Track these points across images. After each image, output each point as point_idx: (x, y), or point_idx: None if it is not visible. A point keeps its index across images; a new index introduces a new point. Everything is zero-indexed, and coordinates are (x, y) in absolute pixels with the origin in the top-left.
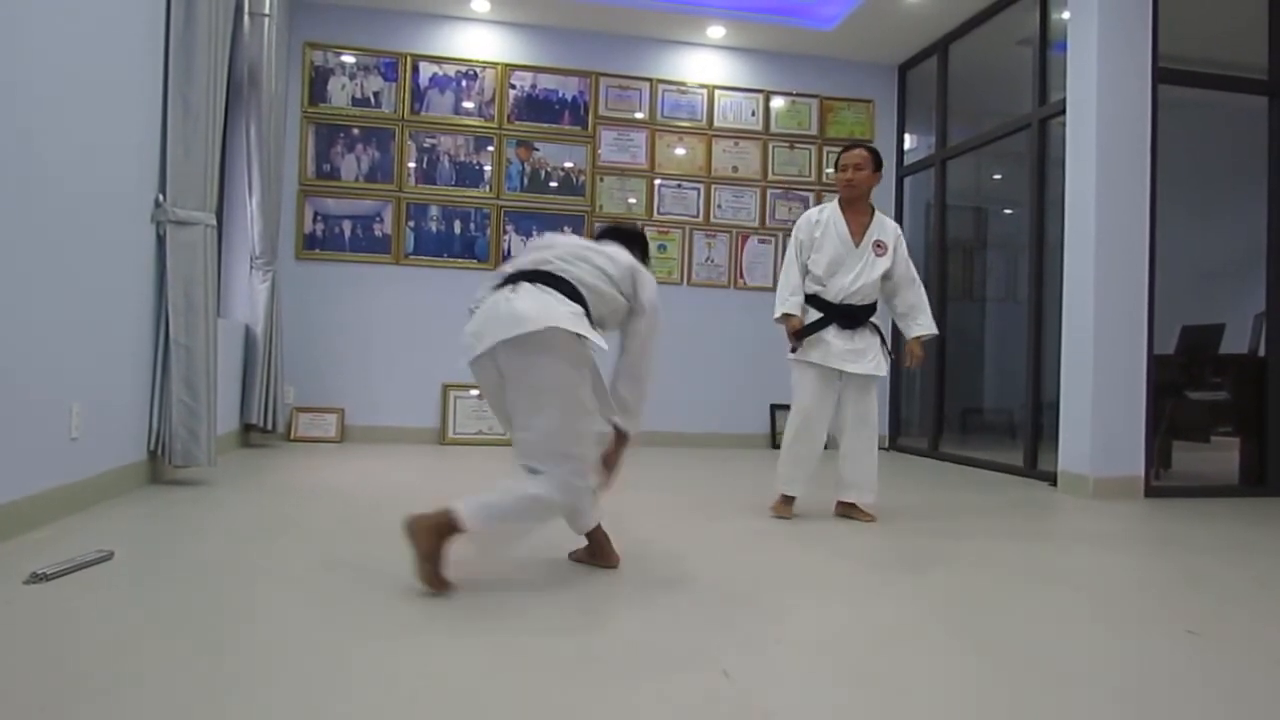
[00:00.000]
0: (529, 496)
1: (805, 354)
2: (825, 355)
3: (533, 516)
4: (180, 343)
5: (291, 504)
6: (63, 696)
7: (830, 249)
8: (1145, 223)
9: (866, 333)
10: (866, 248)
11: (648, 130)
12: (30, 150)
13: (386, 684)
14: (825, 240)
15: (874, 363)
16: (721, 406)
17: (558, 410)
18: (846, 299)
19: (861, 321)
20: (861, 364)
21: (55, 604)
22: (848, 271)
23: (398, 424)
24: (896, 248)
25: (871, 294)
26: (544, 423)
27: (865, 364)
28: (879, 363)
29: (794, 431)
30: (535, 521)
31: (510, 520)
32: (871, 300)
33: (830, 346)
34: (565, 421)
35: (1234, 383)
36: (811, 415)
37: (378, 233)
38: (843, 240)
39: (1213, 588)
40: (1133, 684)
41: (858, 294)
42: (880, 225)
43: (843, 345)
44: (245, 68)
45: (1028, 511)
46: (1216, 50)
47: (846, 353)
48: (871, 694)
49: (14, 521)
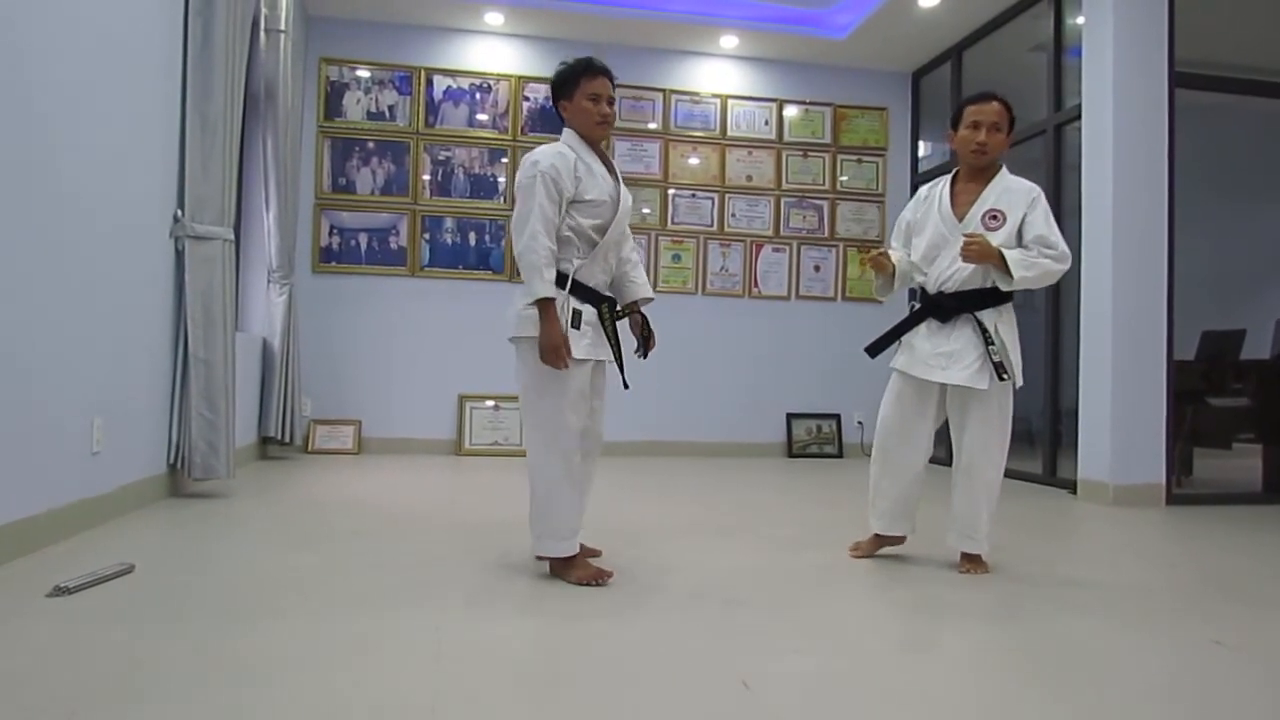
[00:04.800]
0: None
1: (895, 359)
2: (910, 361)
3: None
4: (199, 357)
5: (310, 516)
6: (86, 708)
7: (931, 229)
8: (1164, 228)
9: (967, 331)
10: (972, 222)
11: (661, 140)
12: (50, 167)
13: (402, 700)
14: (927, 218)
15: (969, 370)
16: (737, 416)
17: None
18: (941, 285)
19: (954, 314)
20: (952, 371)
21: (78, 617)
22: (949, 252)
23: (414, 436)
24: (1030, 212)
25: (977, 278)
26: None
27: (957, 371)
28: (977, 370)
29: (876, 451)
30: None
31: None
32: (973, 287)
33: (915, 350)
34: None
35: (1256, 389)
36: (892, 433)
37: (393, 245)
38: (945, 218)
39: (1238, 597)
40: (1158, 694)
41: (954, 278)
42: (1000, 189)
43: (930, 348)
44: (262, 83)
45: (1048, 520)
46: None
47: (934, 357)
48: (890, 704)
49: (37, 535)
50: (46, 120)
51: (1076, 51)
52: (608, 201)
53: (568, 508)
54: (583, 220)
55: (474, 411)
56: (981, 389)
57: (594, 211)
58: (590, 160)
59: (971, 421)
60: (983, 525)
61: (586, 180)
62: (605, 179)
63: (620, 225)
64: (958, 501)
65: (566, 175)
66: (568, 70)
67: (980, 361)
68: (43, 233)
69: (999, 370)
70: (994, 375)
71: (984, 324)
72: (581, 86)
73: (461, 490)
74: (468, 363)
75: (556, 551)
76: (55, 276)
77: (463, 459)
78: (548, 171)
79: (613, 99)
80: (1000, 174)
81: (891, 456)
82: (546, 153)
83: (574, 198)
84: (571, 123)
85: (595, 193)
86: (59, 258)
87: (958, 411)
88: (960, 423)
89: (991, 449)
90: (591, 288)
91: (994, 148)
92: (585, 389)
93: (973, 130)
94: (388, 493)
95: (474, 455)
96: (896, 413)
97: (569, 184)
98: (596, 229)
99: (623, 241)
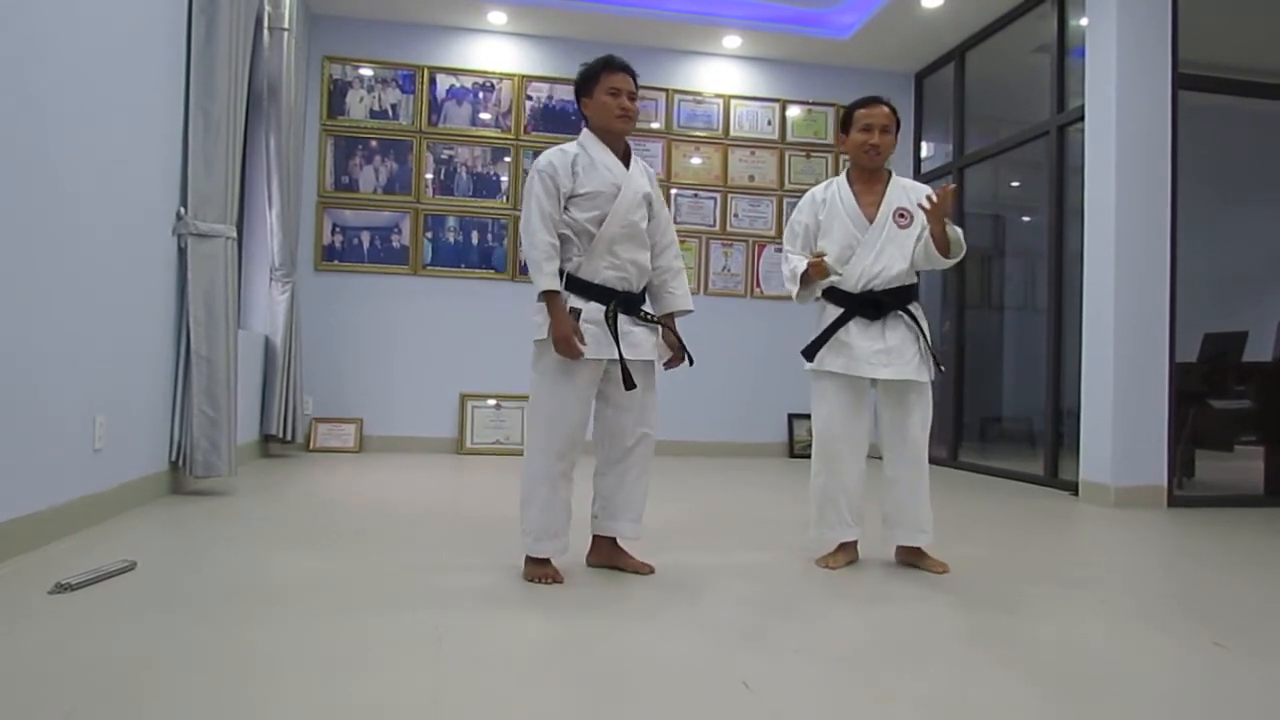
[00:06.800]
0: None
1: (824, 362)
2: (850, 361)
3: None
4: (201, 354)
5: (312, 514)
6: (87, 705)
7: (840, 231)
8: (1166, 229)
9: (901, 327)
10: (885, 221)
11: (664, 140)
12: (52, 164)
13: (400, 695)
14: (833, 221)
15: (912, 364)
16: (738, 416)
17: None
18: (869, 284)
19: (889, 310)
20: (897, 367)
21: (80, 613)
22: (868, 251)
23: (416, 434)
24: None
25: (903, 275)
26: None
27: (902, 366)
28: (919, 364)
29: (818, 460)
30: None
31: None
32: (903, 284)
33: (854, 349)
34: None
35: (1257, 391)
36: (835, 439)
37: (396, 244)
38: (854, 219)
39: (1239, 599)
40: (1159, 697)
41: (881, 276)
42: (899, 190)
43: (870, 345)
44: (265, 81)
45: (1049, 521)
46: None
47: (876, 354)
48: (890, 704)
49: (39, 532)
50: (49, 118)
51: (1079, 53)
52: (604, 193)
53: (539, 508)
54: (579, 215)
55: (475, 410)
56: (923, 381)
57: (590, 204)
58: (598, 154)
59: (914, 414)
60: (930, 516)
61: (586, 174)
62: (611, 172)
63: (621, 217)
64: (903, 496)
65: (564, 171)
66: (588, 68)
67: (920, 355)
68: (45, 230)
69: (936, 362)
70: (932, 368)
71: (917, 318)
72: (601, 82)
73: (463, 489)
74: (469, 361)
75: (525, 547)
76: (57, 274)
77: (464, 458)
78: (545, 169)
79: (634, 94)
80: (893, 175)
81: (840, 462)
82: (548, 153)
83: (571, 192)
84: (592, 120)
85: (592, 185)
86: (61, 255)
87: (896, 407)
88: (899, 417)
89: (920, 438)
90: (597, 284)
91: (885, 149)
92: (586, 392)
93: (865, 133)
94: (389, 491)
95: (475, 454)
96: (840, 416)
97: (565, 179)
98: (593, 221)
99: (634, 237)
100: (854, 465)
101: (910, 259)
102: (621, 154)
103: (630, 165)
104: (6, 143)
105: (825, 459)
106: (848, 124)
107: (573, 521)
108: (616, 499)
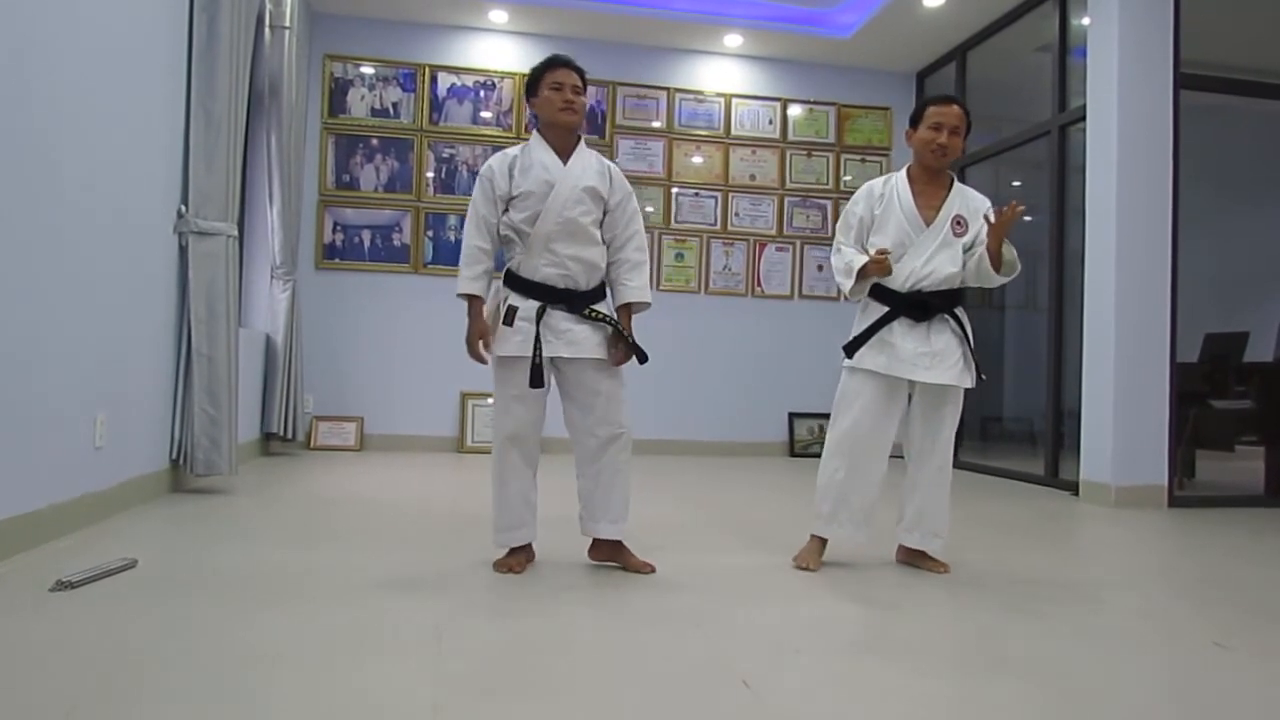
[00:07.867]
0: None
1: (864, 360)
2: (891, 361)
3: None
4: (202, 353)
5: (312, 512)
6: (88, 703)
7: (894, 229)
8: (1167, 229)
9: (946, 331)
10: (943, 226)
11: (665, 139)
12: (53, 163)
13: (403, 697)
14: (888, 218)
15: (956, 369)
16: (738, 415)
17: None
18: (916, 285)
19: (935, 312)
20: (940, 370)
21: (80, 611)
22: (920, 253)
23: (416, 433)
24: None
25: (952, 279)
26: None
27: (945, 370)
28: (963, 370)
29: (839, 457)
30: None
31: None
32: (950, 286)
33: (898, 350)
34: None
35: (1258, 391)
36: (863, 438)
37: (397, 242)
38: (910, 219)
39: (1239, 599)
40: (1159, 696)
41: (930, 278)
42: (960, 197)
43: (914, 347)
44: (266, 80)
45: (1050, 521)
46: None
47: (920, 356)
48: (890, 704)
49: (40, 530)
50: (50, 116)
51: (1081, 52)
52: (536, 192)
53: (499, 502)
54: (515, 215)
55: (476, 409)
56: (962, 387)
57: (523, 204)
58: (538, 154)
59: (946, 420)
60: (948, 522)
61: (522, 175)
62: (546, 170)
63: (555, 214)
64: (927, 502)
65: (500, 174)
66: (533, 69)
67: (963, 361)
68: (46, 228)
69: (978, 369)
70: (974, 374)
71: (963, 322)
72: (545, 79)
73: (463, 487)
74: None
75: (493, 539)
76: (58, 272)
77: (464, 456)
78: (484, 173)
79: (578, 88)
80: (955, 181)
81: (861, 462)
82: (492, 156)
83: (508, 194)
84: (541, 118)
85: (527, 185)
86: (62, 253)
87: (932, 411)
88: (934, 422)
89: (948, 444)
90: (537, 282)
91: (953, 150)
92: (523, 390)
93: (935, 131)
94: (389, 489)
95: (476, 453)
96: (872, 415)
97: (502, 182)
98: (527, 220)
99: (574, 234)
100: (878, 466)
101: (960, 265)
102: (568, 150)
103: (571, 160)
104: (7, 141)
105: (848, 456)
106: (917, 119)
107: (572, 522)
108: (594, 501)
